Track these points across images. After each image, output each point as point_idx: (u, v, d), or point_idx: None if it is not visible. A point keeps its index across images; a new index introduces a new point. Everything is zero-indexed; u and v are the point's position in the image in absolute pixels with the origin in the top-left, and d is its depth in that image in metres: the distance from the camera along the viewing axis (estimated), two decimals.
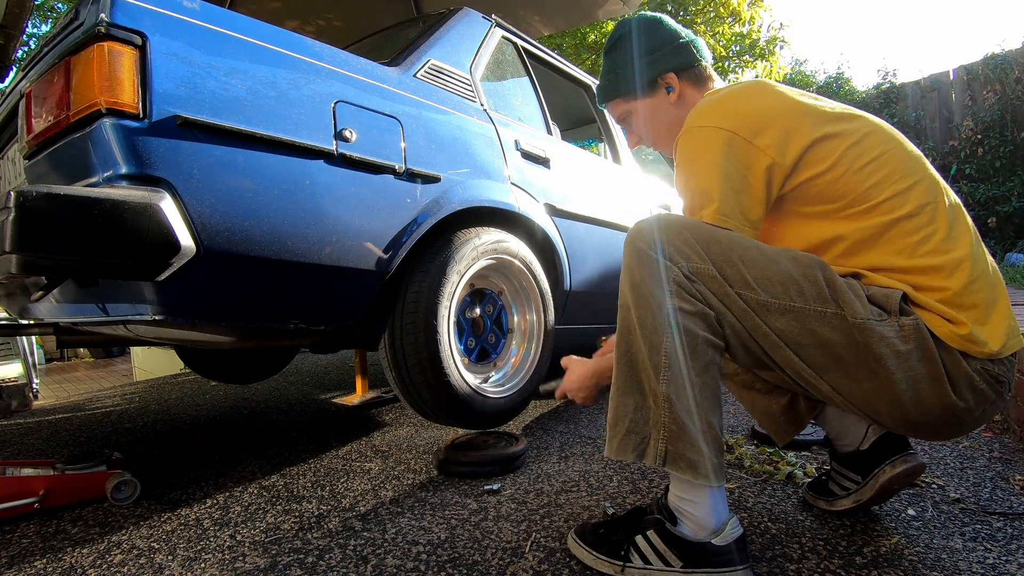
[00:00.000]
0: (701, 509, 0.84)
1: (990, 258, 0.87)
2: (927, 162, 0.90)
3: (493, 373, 1.70)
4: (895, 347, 0.77)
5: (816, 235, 0.88)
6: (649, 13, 1.07)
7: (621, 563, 0.87)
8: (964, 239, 0.83)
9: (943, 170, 4.91)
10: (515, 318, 1.76)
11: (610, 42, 1.10)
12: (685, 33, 1.06)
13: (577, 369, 1.17)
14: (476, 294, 1.68)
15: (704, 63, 1.05)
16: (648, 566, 0.86)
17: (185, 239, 0.98)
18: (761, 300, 0.81)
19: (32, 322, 1.76)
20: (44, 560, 1.03)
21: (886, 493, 1.01)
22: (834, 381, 0.82)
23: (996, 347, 0.79)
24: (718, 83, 1.07)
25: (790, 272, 0.81)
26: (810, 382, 0.84)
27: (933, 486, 1.19)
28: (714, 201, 0.85)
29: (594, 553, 0.90)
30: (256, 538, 1.08)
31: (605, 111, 1.15)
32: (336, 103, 1.25)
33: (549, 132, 2.05)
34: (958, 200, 0.89)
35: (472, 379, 1.53)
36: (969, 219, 0.88)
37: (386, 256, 1.32)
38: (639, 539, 0.88)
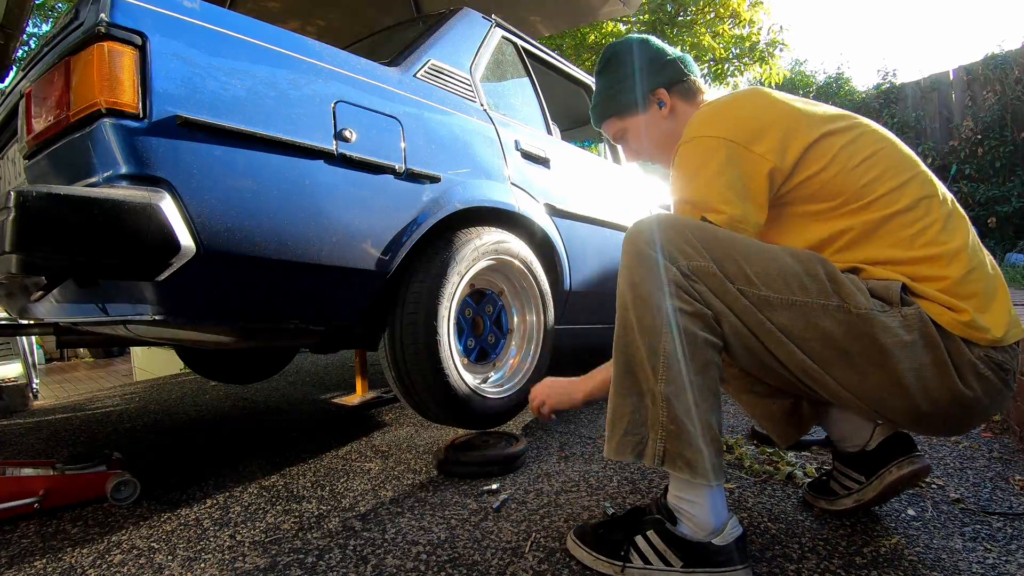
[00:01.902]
0: (701, 509, 0.84)
1: (988, 255, 0.88)
2: (920, 160, 0.91)
3: (492, 373, 1.70)
4: (900, 337, 0.78)
5: (814, 234, 0.89)
6: (636, 35, 1.11)
7: (621, 563, 0.87)
8: (960, 231, 0.85)
9: (943, 170, 4.91)
10: (515, 319, 1.76)
11: (600, 64, 1.13)
12: (672, 50, 1.09)
13: (553, 381, 1.24)
14: (476, 294, 1.67)
15: (693, 77, 1.08)
16: (648, 566, 0.86)
17: (185, 239, 0.98)
18: (763, 296, 0.81)
19: (32, 322, 1.76)
20: (44, 560, 1.03)
21: (889, 493, 1.00)
22: (840, 376, 0.82)
23: (999, 333, 0.80)
24: (709, 94, 1.10)
25: (791, 267, 0.82)
26: (816, 379, 0.83)
27: (933, 486, 1.19)
28: (719, 211, 0.86)
29: (593, 554, 0.90)
30: (256, 538, 1.08)
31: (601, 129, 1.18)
32: (336, 103, 1.25)
33: (549, 132, 2.05)
34: (952, 197, 0.90)
35: (471, 379, 1.53)
36: (965, 215, 0.89)
37: (386, 256, 1.32)
38: (639, 539, 0.88)
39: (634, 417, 0.86)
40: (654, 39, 1.11)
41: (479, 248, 1.52)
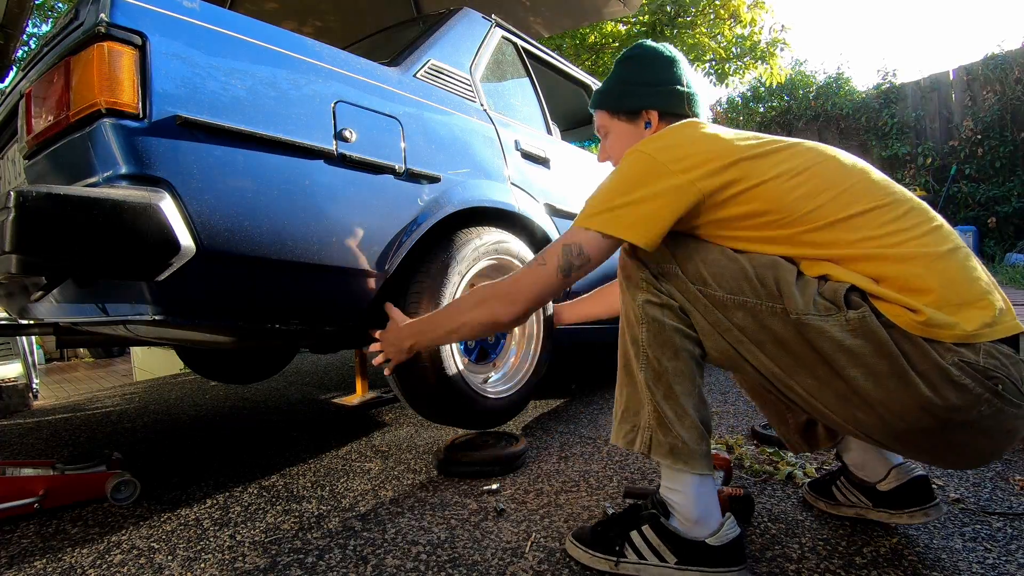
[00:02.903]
0: (686, 499, 0.85)
1: (978, 261, 0.83)
2: (869, 168, 0.88)
3: (493, 373, 1.69)
4: (841, 342, 0.75)
5: (780, 251, 0.86)
6: (672, 49, 1.07)
7: (615, 558, 0.88)
8: (925, 228, 0.80)
9: (943, 170, 4.90)
10: None
11: (626, 55, 1.09)
12: (692, 85, 1.04)
13: (396, 327, 1.22)
14: None
15: (684, 118, 1.03)
16: (642, 560, 0.87)
17: (185, 239, 0.98)
18: (718, 296, 0.84)
19: (32, 322, 1.76)
20: (44, 560, 1.03)
21: (892, 525, 1.01)
22: (804, 383, 0.81)
23: (970, 328, 0.73)
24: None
25: (744, 269, 0.83)
26: (784, 384, 0.83)
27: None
28: (611, 208, 0.87)
29: (590, 551, 0.91)
30: (256, 538, 1.08)
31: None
32: (336, 103, 1.25)
33: (549, 132, 2.05)
34: (916, 198, 0.86)
35: (472, 379, 1.52)
36: (940, 219, 0.84)
37: (386, 256, 1.32)
38: (634, 534, 0.89)
39: (628, 405, 0.91)
40: (684, 63, 1.07)
41: (479, 248, 1.52)
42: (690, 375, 0.87)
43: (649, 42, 1.09)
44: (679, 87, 1.03)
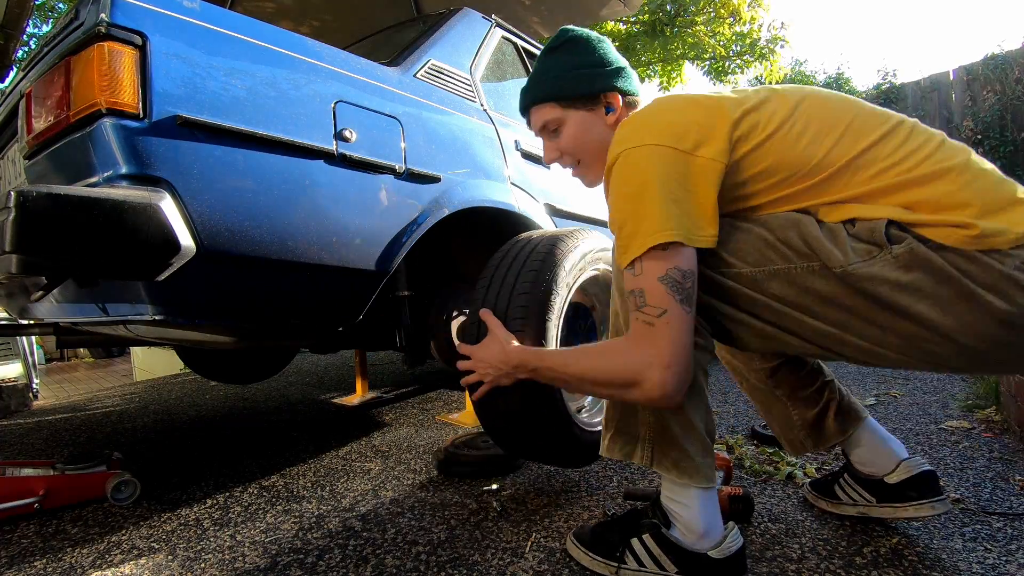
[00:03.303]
0: (690, 511, 0.85)
1: (983, 160, 0.78)
2: (851, 98, 0.84)
3: (584, 400, 1.44)
4: (896, 281, 0.71)
5: (794, 207, 0.81)
6: (596, 33, 1.01)
7: (616, 564, 0.87)
8: (943, 149, 0.76)
9: None
10: (603, 337, 1.52)
11: (551, 45, 1.00)
12: (626, 63, 1.00)
13: (501, 346, 1.00)
14: (572, 308, 1.41)
15: (639, 97, 0.99)
16: (642, 568, 0.86)
17: (185, 239, 0.98)
18: (745, 273, 0.79)
19: (32, 322, 1.76)
20: (44, 560, 1.03)
21: (896, 520, 1.00)
22: (864, 335, 0.75)
23: (1020, 228, 0.69)
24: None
25: (763, 237, 0.79)
26: (840, 342, 0.77)
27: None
28: (661, 224, 0.76)
29: (590, 554, 0.91)
30: (256, 538, 1.08)
31: (529, 115, 1.04)
32: (336, 103, 1.25)
33: None
34: (907, 117, 0.82)
35: (571, 407, 1.25)
36: (930, 128, 0.80)
37: (386, 256, 1.32)
38: (634, 541, 0.88)
39: (624, 417, 0.87)
40: (611, 44, 1.01)
41: (587, 256, 1.31)
42: (698, 389, 0.84)
43: (572, 27, 1.01)
44: (626, 67, 0.98)
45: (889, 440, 1.03)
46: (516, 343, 1.00)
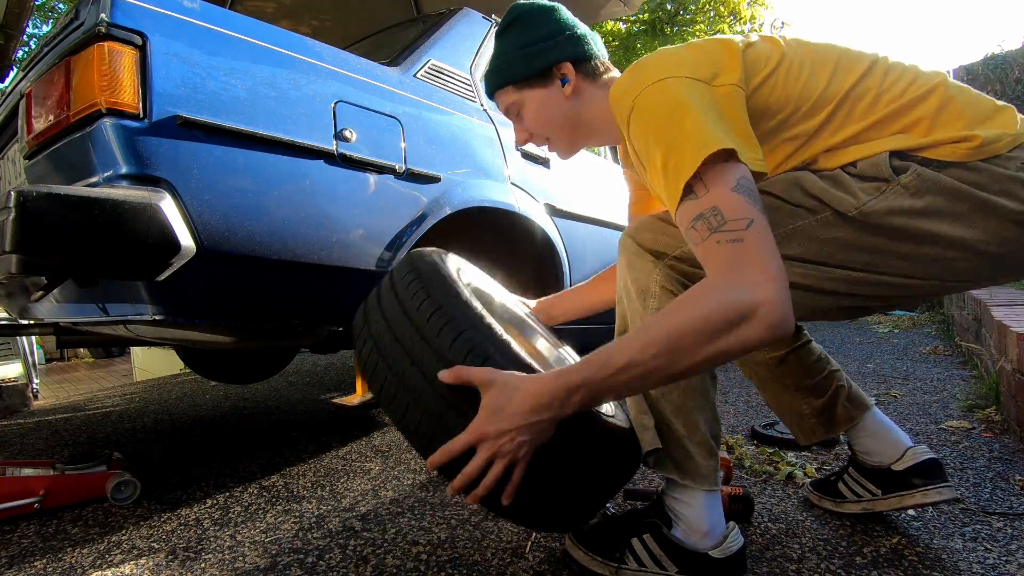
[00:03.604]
0: (693, 511, 0.84)
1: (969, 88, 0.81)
2: (835, 43, 0.85)
3: None
4: (911, 208, 0.72)
5: (795, 160, 0.82)
6: (545, 0, 0.97)
7: (616, 564, 0.87)
8: (912, 72, 0.79)
9: None
10: None
11: (501, 26, 0.98)
12: (582, 25, 0.97)
13: (509, 395, 0.66)
14: None
15: (601, 59, 0.96)
16: (642, 568, 0.86)
17: (185, 239, 0.98)
18: None
19: (32, 322, 1.76)
20: (44, 560, 1.03)
21: (903, 509, 1.00)
22: (893, 269, 0.76)
23: (1012, 130, 0.73)
24: (617, 73, 0.98)
25: (770, 204, 0.77)
26: (875, 285, 0.77)
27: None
28: (713, 135, 0.67)
29: (590, 554, 0.90)
30: (256, 538, 1.08)
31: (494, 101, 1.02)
32: (336, 103, 1.25)
33: None
34: (890, 56, 0.83)
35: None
36: (923, 68, 0.81)
37: (386, 256, 1.32)
38: (635, 541, 0.88)
39: (638, 411, 0.87)
40: (564, 8, 0.97)
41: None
42: (702, 388, 0.84)
43: (520, 2, 0.97)
44: (577, 31, 0.95)
45: (895, 429, 1.04)
46: (524, 375, 0.70)
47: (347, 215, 1.24)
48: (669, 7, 6.41)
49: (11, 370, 3.20)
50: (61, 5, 7.20)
